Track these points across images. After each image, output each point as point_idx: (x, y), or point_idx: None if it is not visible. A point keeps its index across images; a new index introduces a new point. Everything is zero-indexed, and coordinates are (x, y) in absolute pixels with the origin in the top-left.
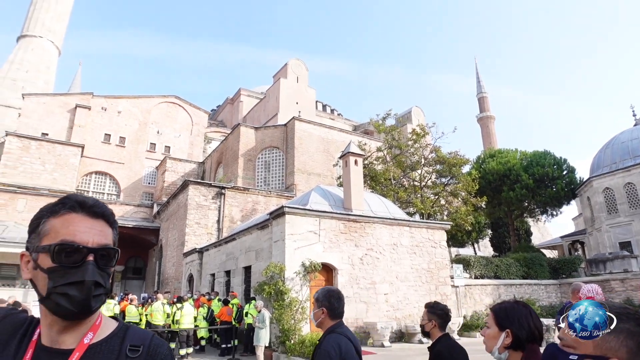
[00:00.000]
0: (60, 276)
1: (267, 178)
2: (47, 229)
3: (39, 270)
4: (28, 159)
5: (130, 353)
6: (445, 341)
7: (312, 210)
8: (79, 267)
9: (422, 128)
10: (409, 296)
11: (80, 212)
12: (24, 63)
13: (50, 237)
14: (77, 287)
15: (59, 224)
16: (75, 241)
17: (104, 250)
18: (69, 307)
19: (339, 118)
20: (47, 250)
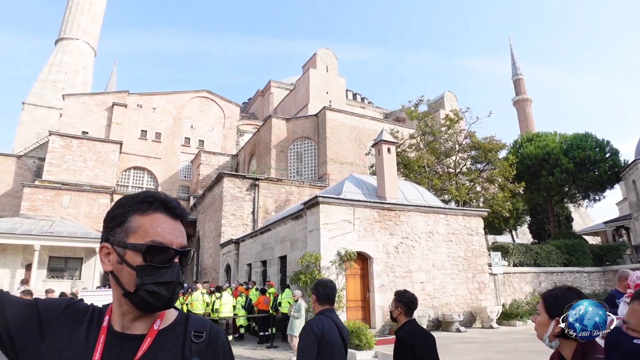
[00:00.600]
0: (149, 275)
1: (300, 168)
2: (135, 227)
3: (124, 265)
4: (71, 157)
5: (195, 339)
6: (409, 327)
7: (346, 200)
8: (167, 267)
9: (455, 113)
10: (446, 285)
11: (165, 212)
12: (62, 65)
13: (139, 236)
14: (165, 287)
15: (147, 224)
16: (164, 242)
17: (186, 251)
18: (155, 304)
19: (370, 106)
20: (138, 249)
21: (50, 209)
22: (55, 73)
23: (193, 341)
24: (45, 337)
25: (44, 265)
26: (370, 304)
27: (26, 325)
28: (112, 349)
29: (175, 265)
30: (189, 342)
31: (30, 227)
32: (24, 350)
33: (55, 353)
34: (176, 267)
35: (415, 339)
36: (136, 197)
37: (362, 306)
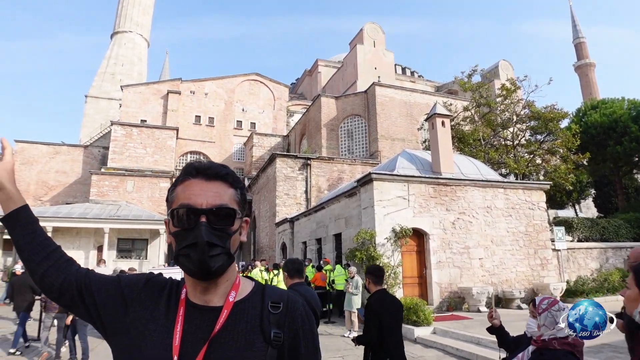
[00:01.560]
0: (181, 239)
1: (351, 146)
2: (174, 197)
3: (171, 234)
4: (132, 145)
5: (272, 309)
6: (377, 295)
7: (400, 176)
8: (192, 229)
9: (512, 82)
10: (506, 261)
11: (197, 176)
12: (119, 58)
13: (175, 203)
14: (192, 249)
15: (180, 190)
16: (189, 204)
17: (218, 210)
18: (191, 267)
19: (420, 80)
20: (170, 216)
21: (116, 194)
22: (113, 66)
23: (271, 312)
24: (129, 311)
25: (113, 247)
26: (427, 280)
27: (111, 300)
28: (191, 321)
29: (200, 225)
30: (266, 312)
31: (100, 211)
32: (111, 324)
33: (139, 326)
34: (202, 226)
35: (382, 305)
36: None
37: (419, 282)
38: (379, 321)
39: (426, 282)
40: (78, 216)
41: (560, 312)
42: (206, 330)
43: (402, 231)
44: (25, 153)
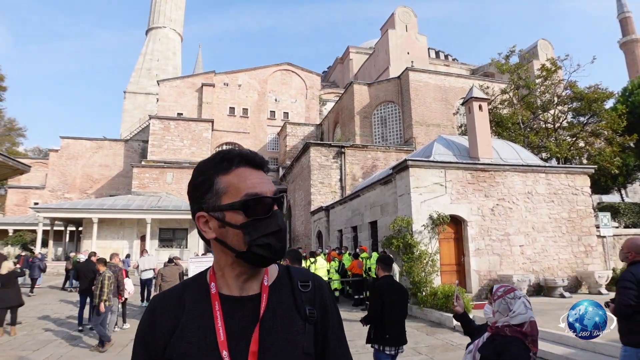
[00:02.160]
0: (255, 229)
1: (385, 133)
2: (224, 187)
3: (228, 228)
4: (169, 137)
5: (303, 288)
6: (383, 280)
7: (436, 162)
8: (270, 217)
9: (552, 62)
10: (548, 248)
11: (246, 165)
12: (154, 53)
13: (232, 195)
14: (275, 236)
15: (235, 180)
16: (259, 193)
17: (281, 198)
18: (270, 256)
19: (455, 63)
20: (236, 207)
21: (156, 186)
22: (149, 61)
23: (302, 290)
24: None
25: (155, 236)
26: (465, 268)
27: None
28: (232, 314)
29: (277, 213)
30: (298, 292)
31: (142, 202)
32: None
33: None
34: (278, 214)
35: (386, 289)
36: (213, 160)
37: (457, 270)
38: (381, 301)
39: (464, 270)
40: (122, 207)
41: (515, 300)
42: (250, 319)
43: (440, 218)
44: (71, 149)
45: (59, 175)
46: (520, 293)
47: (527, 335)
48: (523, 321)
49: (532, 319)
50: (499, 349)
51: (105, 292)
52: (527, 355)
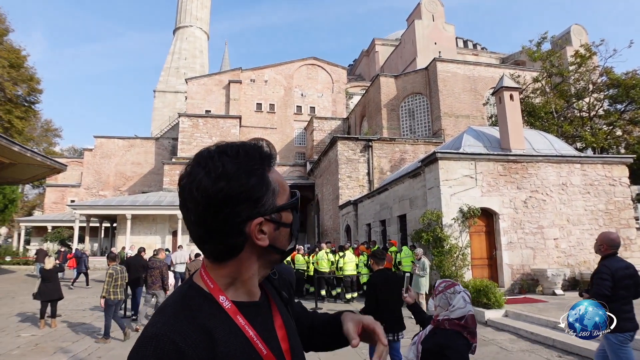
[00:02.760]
0: (296, 224)
1: (413, 126)
2: (277, 187)
3: (281, 228)
4: (198, 134)
5: (273, 275)
6: (377, 273)
7: (466, 154)
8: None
9: (586, 48)
10: (583, 241)
11: (271, 165)
12: (182, 52)
13: (282, 194)
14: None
15: (280, 179)
16: (294, 191)
17: None
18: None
19: (484, 52)
20: (290, 206)
21: None
22: (177, 60)
23: (274, 278)
24: None
25: (186, 232)
26: (497, 262)
27: None
28: (255, 321)
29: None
30: (272, 280)
31: (173, 199)
32: None
33: None
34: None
35: (380, 283)
36: (251, 156)
37: (489, 264)
38: (376, 295)
39: (496, 264)
40: (154, 204)
41: (455, 294)
42: (270, 321)
43: (470, 211)
44: (104, 147)
45: (94, 174)
46: (460, 288)
47: (465, 327)
48: (462, 315)
49: (470, 312)
50: (440, 342)
51: (105, 288)
52: (467, 347)
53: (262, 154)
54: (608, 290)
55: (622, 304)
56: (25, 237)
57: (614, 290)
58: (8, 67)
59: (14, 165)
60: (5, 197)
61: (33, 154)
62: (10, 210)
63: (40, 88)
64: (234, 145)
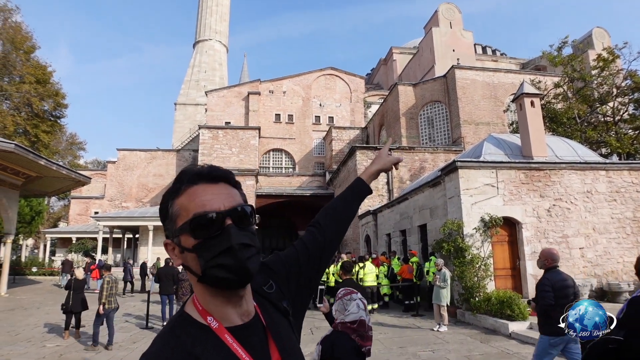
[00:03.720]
0: (207, 250)
1: (432, 134)
2: (177, 210)
3: (186, 252)
4: (218, 146)
5: (269, 289)
6: (345, 281)
7: (486, 162)
8: (220, 234)
9: (609, 51)
10: (611, 250)
11: (200, 182)
12: (202, 65)
13: (183, 217)
14: (227, 255)
15: (185, 201)
16: (206, 211)
17: (241, 209)
18: (229, 276)
19: (503, 58)
20: (186, 230)
21: None
22: (197, 73)
23: (268, 292)
24: None
25: None
26: (520, 272)
27: None
28: (247, 343)
29: (229, 228)
30: (266, 294)
31: None
32: None
33: None
34: (231, 229)
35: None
36: (176, 181)
37: (512, 275)
38: None
39: (520, 274)
40: None
41: (351, 301)
42: (263, 339)
43: (492, 220)
44: (127, 160)
45: (117, 185)
46: (357, 296)
47: (355, 330)
48: (354, 319)
49: (362, 318)
50: (332, 341)
51: (105, 295)
52: (351, 345)
53: (178, 178)
54: (551, 299)
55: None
56: (50, 248)
57: (555, 299)
58: (35, 83)
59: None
60: (32, 209)
61: (58, 167)
62: (36, 222)
63: (66, 103)
64: None
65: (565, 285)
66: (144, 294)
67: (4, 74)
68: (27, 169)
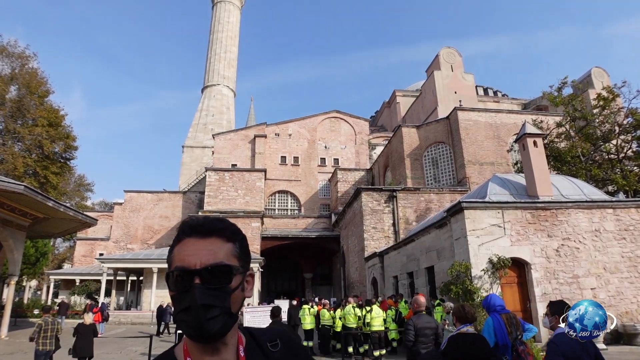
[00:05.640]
0: (177, 302)
1: (437, 175)
2: (171, 258)
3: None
4: (225, 188)
5: (272, 347)
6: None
7: (492, 202)
8: (188, 292)
9: (609, 91)
10: (624, 290)
11: (192, 235)
12: (209, 109)
13: (170, 266)
14: (188, 313)
15: (176, 252)
16: (183, 266)
17: (213, 268)
18: (190, 332)
19: (504, 99)
20: (167, 279)
21: None
22: (205, 117)
23: (272, 350)
24: None
25: None
26: (532, 314)
27: None
28: None
29: (194, 288)
30: (268, 352)
31: None
32: None
33: None
34: (195, 289)
35: None
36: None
37: (523, 317)
38: None
39: (531, 317)
40: None
41: None
42: None
43: (500, 262)
44: (134, 202)
45: (123, 227)
46: None
47: None
48: None
49: None
50: None
51: (41, 336)
52: None
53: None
54: (412, 337)
55: (421, 347)
56: (53, 290)
57: (416, 337)
58: (47, 125)
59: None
60: (37, 250)
61: (66, 209)
62: (41, 264)
63: (76, 145)
64: None
65: (426, 327)
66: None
67: (18, 116)
68: (35, 210)
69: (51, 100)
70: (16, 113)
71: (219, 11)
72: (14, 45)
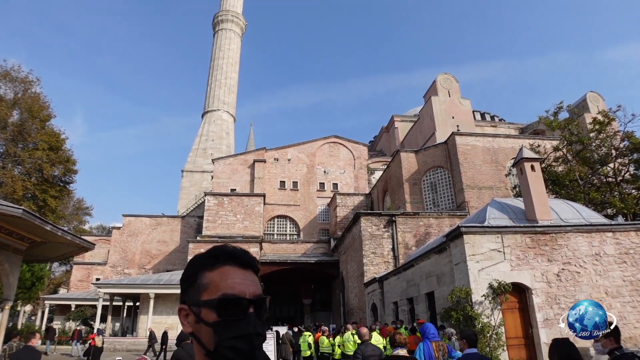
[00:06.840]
0: (225, 330)
1: (436, 199)
2: (206, 284)
3: (202, 324)
4: (223, 212)
5: None
6: None
7: (491, 227)
8: (242, 319)
9: (604, 115)
10: (626, 315)
11: (232, 264)
12: (209, 134)
13: (211, 292)
14: (243, 340)
15: (217, 278)
16: (235, 294)
17: (261, 300)
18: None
19: (502, 124)
20: (211, 305)
21: None
22: (204, 142)
23: None
24: None
25: None
26: (534, 341)
27: None
28: None
29: (250, 316)
30: None
31: None
32: None
33: None
34: (251, 317)
35: None
36: (204, 255)
37: (526, 344)
38: None
39: (533, 343)
40: (177, 283)
41: None
42: None
43: (501, 287)
44: (132, 226)
45: (120, 252)
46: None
47: None
48: None
49: None
50: None
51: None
52: None
53: (211, 254)
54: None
55: None
56: (48, 315)
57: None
58: (48, 149)
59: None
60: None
61: (63, 233)
62: (36, 288)
63: (76, 169)
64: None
65: (371, 354)
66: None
67: (19, 140)
68: (32, 234)
69: (52, 124)
70: (17, 137)
71: (220, 38)
72: (18, 70)
